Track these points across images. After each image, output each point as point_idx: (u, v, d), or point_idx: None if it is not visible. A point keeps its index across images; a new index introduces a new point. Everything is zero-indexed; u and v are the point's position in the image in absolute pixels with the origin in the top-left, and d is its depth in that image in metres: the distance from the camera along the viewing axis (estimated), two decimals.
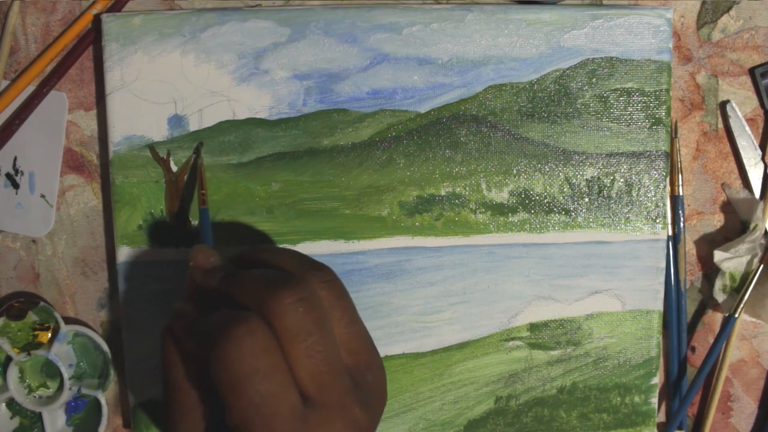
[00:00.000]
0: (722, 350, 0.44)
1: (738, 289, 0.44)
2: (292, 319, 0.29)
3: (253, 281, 0.30)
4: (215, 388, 0.29)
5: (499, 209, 0.42)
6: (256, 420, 0.28)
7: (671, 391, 0.45)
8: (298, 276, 0.31)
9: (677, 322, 0.44)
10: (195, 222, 0.41)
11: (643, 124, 0.42)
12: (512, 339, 0.43)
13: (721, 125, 0.44)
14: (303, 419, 0.28)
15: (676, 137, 0.43)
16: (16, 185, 0.42)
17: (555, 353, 0.43)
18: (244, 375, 0.28)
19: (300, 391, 0.29)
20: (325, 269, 0.32)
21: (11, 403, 0.43)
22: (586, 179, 0.42)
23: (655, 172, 0.42)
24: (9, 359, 0.41)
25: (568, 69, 0.42)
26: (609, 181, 0.42)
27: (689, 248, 0.45)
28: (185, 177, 0.41)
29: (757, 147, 0.44)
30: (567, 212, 0.42)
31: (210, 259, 0.33)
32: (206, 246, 0.34)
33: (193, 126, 0.41)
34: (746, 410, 0.46)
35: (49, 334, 0.42)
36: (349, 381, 0.30)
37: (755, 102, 0.44)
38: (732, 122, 0.44)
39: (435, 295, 0.42)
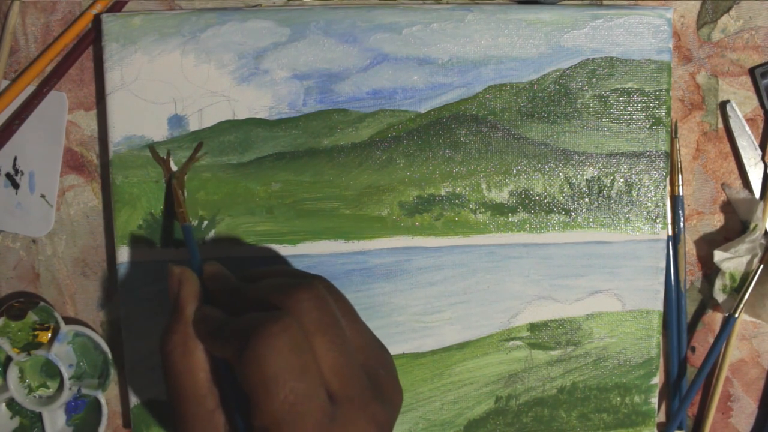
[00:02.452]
0: (722, 350, 0.44)
1: (738, 289, 0.44)
2: (313, 315, 0.30)
3: (272, 285, 0.32)
4: (235, 393, 0.30)
5: (499, 209, 0.42)
6: (288, 419, 0.28)
7: (671, 391, 0.45)
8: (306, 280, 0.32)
9: (677, 322, 0.44)
10: (195, 222, 0.41)
11: (643, 124, 0.42)
12: (512, 339, 0.43)
13: (721, 125, 0.44)
14: (331, 417, 0.29)
15: (676, 137, 0.43)
16: (16, 185, 0.42)
17: (555, 353, 0.43)
18: (278, 373, 0.28)
19: (325, 388, 0.29)
20: (321, 276, 0.34)
21: (11, 403, 0.43)
22: (586, 179, 0.42)
23: (655, 172, 0.42)
24: (9, 359, 0.41)
25: (568, 69, 0.42)
26: (609, 181, 0.42)
27: (689, 248, 0.45)
28: (185, 177, 0.41)
29: (757, 147, 0.44)
30: (567, 212, 0.42)
31: (224, 272, 0.35)
32: (217, 263, 0.35)
33: (193, 126, 0.41)
34: (746, 410, 0.46)
35: (49, 334, 0.42)
36: (365, 377, 0.31)
37: (755, 102, 0.44)
38: (732, 122, 0.44)
39: (435, 295, 0.42)
